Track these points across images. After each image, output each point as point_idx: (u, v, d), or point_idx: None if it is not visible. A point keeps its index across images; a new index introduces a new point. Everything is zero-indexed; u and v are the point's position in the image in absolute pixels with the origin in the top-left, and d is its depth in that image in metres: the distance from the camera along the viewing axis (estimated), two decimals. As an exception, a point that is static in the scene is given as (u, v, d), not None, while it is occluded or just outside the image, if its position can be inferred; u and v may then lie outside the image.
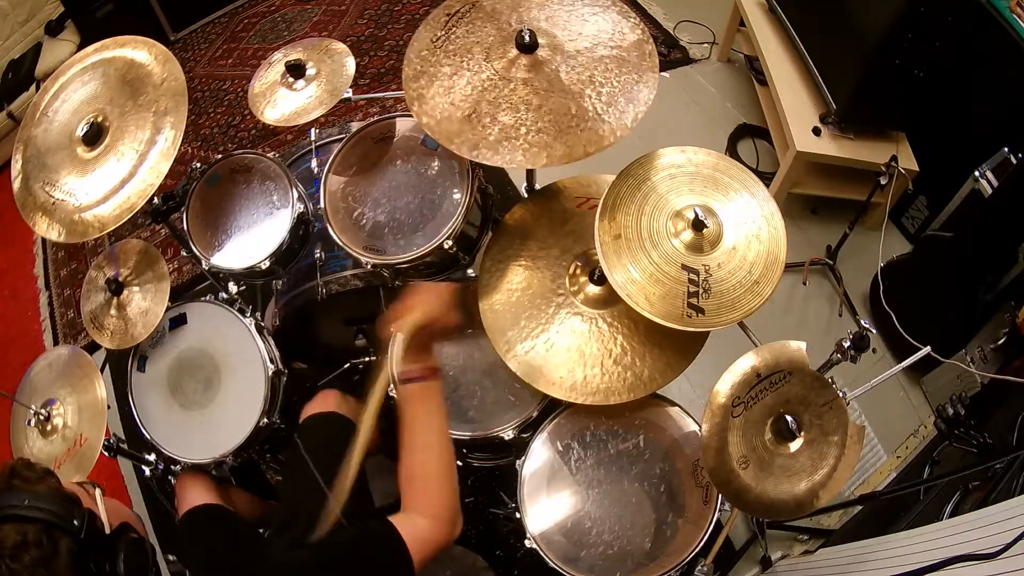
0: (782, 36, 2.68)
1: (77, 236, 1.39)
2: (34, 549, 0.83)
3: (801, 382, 1.24)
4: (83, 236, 1.39)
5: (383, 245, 1.50)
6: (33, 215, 1.43)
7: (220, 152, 3.01)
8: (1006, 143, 1.98)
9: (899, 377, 2.30)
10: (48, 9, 3.35)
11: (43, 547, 0.83)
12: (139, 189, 1.37)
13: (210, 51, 3.54)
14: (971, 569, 1.06)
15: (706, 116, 2.99)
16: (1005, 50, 1.99)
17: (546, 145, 1.26)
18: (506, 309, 1.43)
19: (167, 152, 1.37)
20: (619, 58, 1.31)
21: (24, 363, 1.62)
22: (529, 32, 1.30)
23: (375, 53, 3.29)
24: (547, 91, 1.30)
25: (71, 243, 2.92)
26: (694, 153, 1.34)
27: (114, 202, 1.38)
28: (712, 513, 1.34)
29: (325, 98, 1.61)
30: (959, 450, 1.90)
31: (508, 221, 1.54)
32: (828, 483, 1.24)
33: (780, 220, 1.28)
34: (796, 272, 2.51)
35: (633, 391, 1.33)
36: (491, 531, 1.94)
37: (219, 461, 1.54)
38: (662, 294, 1.21)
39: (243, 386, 1.56)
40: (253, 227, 1.62)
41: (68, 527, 0.87)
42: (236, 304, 1.64)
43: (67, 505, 0.89)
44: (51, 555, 0.84)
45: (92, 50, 1.52)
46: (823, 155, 2.38)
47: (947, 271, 2.11)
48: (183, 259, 2.70)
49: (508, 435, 1.48)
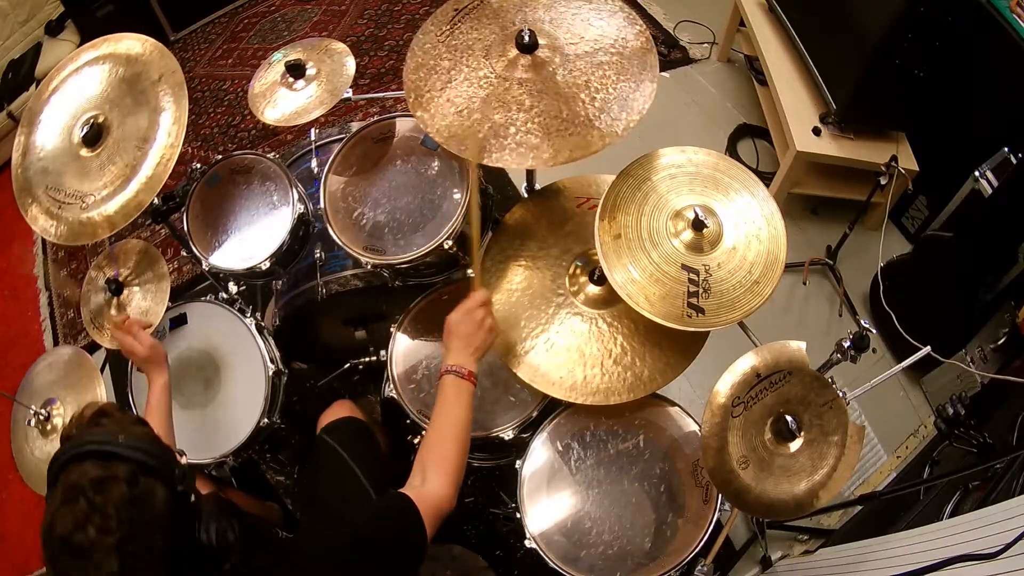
0: (782, 36, 2.68)
1: (87, 237, 1.40)
2: (124, 486, 0.77)
3: (801, 382, 1.24)
4: (92, 237, 1.40)
5: (383, 245, 1.50)
6: (38, 220, 1.44)
7: (220, 152, 3.01)
8: (1006, 143, 1.97)
9: (899, 377, 2.30)
10: (48, 9, 3.35)
11: (137, 487, 0.78)
12: (147, 184, 1.38)
13: (210, 51, 3.54)
14: (971, 569, 1.06)
15: (706, 116, 2.99)
16: (1005, 50, 1.99)
17: (533, 147, 1.26)
18: (506, 309, 1.43)
19: (172, 145, 1.38)
20: (619, 65, 1.31)
21: (24, 363, 1.63)
22: (529, 32, 1.30)
23: (375, 53, 3.29)
24: (541, 92, 1.30)
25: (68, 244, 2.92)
26: (694, 153, 1.34)
27: (121, 199, 1.39)
28: (712, 513, 1.34)
29: (325, 98, 1.61)
30: (959, 450, 1.90)
31: (508, 221, 1.54)
32: (828, 483, 1.24)
33: (780, 220, 1.28)
34: (796, 272, 2.51)
35: (633, 391, 1.33)
36: (491, 531, 1.94)
37: (219, 461, 1.54)
38: (662, 294, 1.21)
39: (243, 386, 1.57)
40: (253, 227, 1.62)
41: (166, 473, 0.82)
42: (236, 304, 1.64)
43: (165, 451, 0.84)
44: (145, 497, 0.79)
45: (83, 50, 1.53)
46: (823, 155, 2.37)
47: (947, 271, 2.11)
48: (183, 259, 2.70)
49: (508, 435, 1.48)
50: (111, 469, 0.78)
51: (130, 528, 0.76)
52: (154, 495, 0.80)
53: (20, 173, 1.47)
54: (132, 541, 0.76)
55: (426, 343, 1.62)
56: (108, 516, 0.75)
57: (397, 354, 1.62)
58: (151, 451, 0.82)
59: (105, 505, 0.76)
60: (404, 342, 1.63)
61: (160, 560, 0.79)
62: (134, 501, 0.78)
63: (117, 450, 0.79)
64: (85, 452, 0.79)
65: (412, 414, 1.53)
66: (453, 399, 1.20)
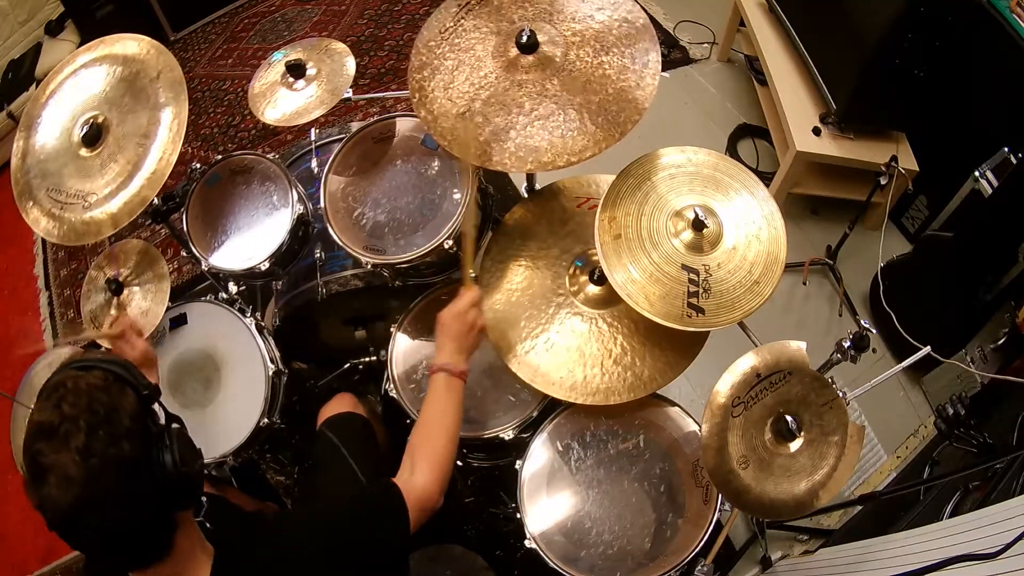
0: (782, 36, 2.68)
1: (91, 236, 1.41)
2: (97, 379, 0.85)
3: (801, 382, 1.24)
4: (97, 235, 1.40)
5: (383, 245, 1.50)
6: (40, 222, 1.44)
7: (220, 152, 3.01)
8: (1006, 143, 1.97)
9: (899, 377, 2.30)
10: (48, 9, 3.35)
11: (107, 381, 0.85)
12: (150, 179, 1.38)
13: (210, 51, 3.54)
14: (971, 569, 1.06)
15: (706, 116, 2.99)
16: (1005, 50, 1.99)
17: (533, 150, 1.26)
18: (506, 309, 1.43)
19: (174, 139, 1.39)
20: (621, 66, 1.31)
21: (24, 363, 1.62)
22: (529, 32, 1.30)
23: (375, 53, 3.29)
24: (540, 95, 1.30)
25: (73, 243, 2.93)
26: (694, 153, 1.34)
27: (124, 196, 1.39)
28: (712, 513, 1.34)
29: (325, 98, 1.61)
30: (959, 450, 1.90)
31: (508, 221, 1.54)
32: (828, 483, 1.23)
33: (780, 220, 1.28)
34: (796, 272, 2.51)
35: (633, 391, 1.33)
36: (491, 531, 1.94)
37: (219, 461, 1.54)
38: (662, 294, 1.21)
39: (243, 386, 1.57)
40: (253, 228, 1.62)
41: (135, 382, 0.88)
42: (236, 304, 1.64)
43: (135, 371, 0.91)
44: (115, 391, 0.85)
45: (80, 52, 1.53)
46: (823, 155, 2.37)
47: (947, 271, 2.11)
48: (183, 259, 2.70)
49: (508, 435, 1.48)
50: (88, 372, 0.86)
51: (101, 411, 0.82)
52: (124, 395, 0.86)
53: (20, 177, 1.48)
54: (101, 424, 0.81)
55: (426, 343, 1.62)
56: (80, 394, 0.82)
57: (397, 354, 1.62)
58: (124, 366, 0.90)
59: (77, 388, 0.83)
60: (404, 342, 1.63)
61: (124, 465, 0.82)
62: (106, 389, 0.84)
63: (93, 363, 0.88)
64: (66, 365, 0.89)
65: (412, 414, 1.53)
66: (445, 396, 1.23)
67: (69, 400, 0.81)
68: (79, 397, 0.82)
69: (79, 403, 0.81)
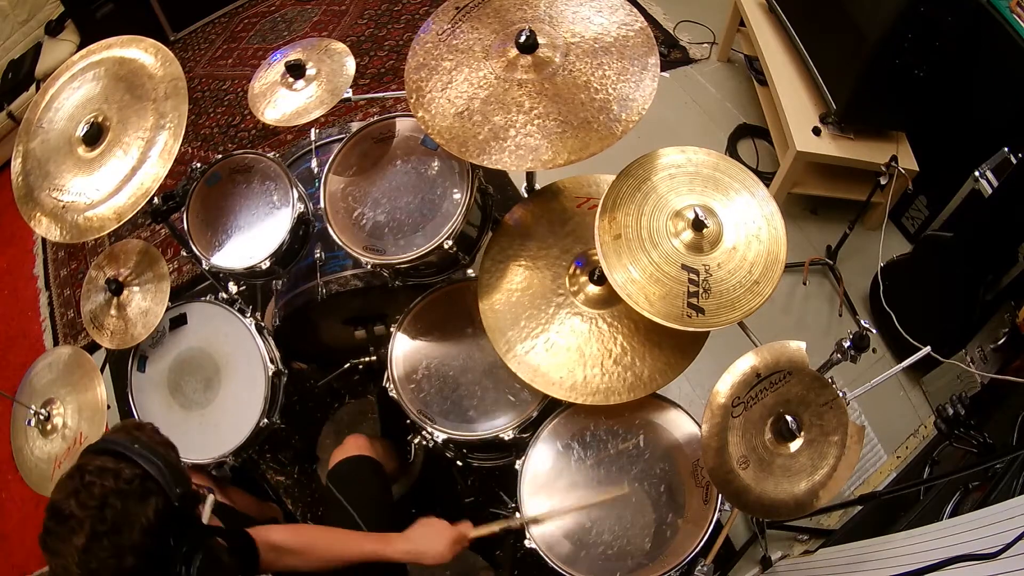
0: (782, 36, 2.68)
1: (94, 232, 1.41)
2: (121, 482, 0.84)
3: (801, 382, 1.24)
4: (100, 231, 1.40)
5: (383, 245, 1.50)
6: (41, 222, 1.44)
7: (220, 152, 3.01)
8: (1006, 143, 1.97)
9: (899, 377, 2.30)
10: (48, 9, 3.35)
11: (131, 485, 0.84)
12: (152, 174, 1.38)
13: (210, 51, 3.54)
14: (971, 569, 1.06)
15: (706, 116, 2.99)
16: (1005, 50, 1.99)
17: (533, 148, 1.26)
18: (506, 309, 1.43)
19: (175, 135, 1.39)
20: (621, 68, 1.31)
21: (24, 363, 1.63)
22: (529, 32, 1.30)
23: (375, 53, 3.29)
24: (539, 94, 1.30)
25: (71, 243, 2.93)
26: (694, 153, 1.34)
27: (127, 191, 1.39)
28: (712, 513, 1.34)
29: (325, 98, 1.61)
30: (959, 450, 1.90)
31: (508, 221, 1.54)
32: (828, 483, 1.23)
33: (780, 220, 1.28)
34: (796, 272, 2.51)
35: (633, 391, 1.33)
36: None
37: (219, 461, 1.54)
38: (662, 294, 1.21)
39: (243, 386, 1.57)
40: (253, 227, 1.62)
41: (167, 490, 0.86)
42: (236, 304, 1.64)
43: (177, 474, 0.89)
44: (133, 496, 0.83)
45: (79, 57, 1.54)
46: (823, 155, 2.37)
47: (947, 271, 2.11)
48: (183, 259, 2.70)
49: (508, 435, 1.48)
50: (118, 465, 0.85)
51: (109, 519, 0.81)
52: (144, 505, 0.84)
53: (21, 181, 1.48)
54: (106, 534, 0.81)
55: (426, 343, 1.62)
56: (92, 495, 0.82)
57: (397, 354, 1.62)
58: (162, 467, 0.88)
59: (93, 486, 0.82)
60: (404, 342, 1.63)
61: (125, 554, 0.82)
62: (124, 496, 0.83)
63: (130, 454, 0.87)
64: (104, 448, 0.88)
65: (412, 414, 1.53)
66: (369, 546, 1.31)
67: (82, 497, 0.81)
68: (91, 499, 0.81)
69: (89, 505, 0.81)
